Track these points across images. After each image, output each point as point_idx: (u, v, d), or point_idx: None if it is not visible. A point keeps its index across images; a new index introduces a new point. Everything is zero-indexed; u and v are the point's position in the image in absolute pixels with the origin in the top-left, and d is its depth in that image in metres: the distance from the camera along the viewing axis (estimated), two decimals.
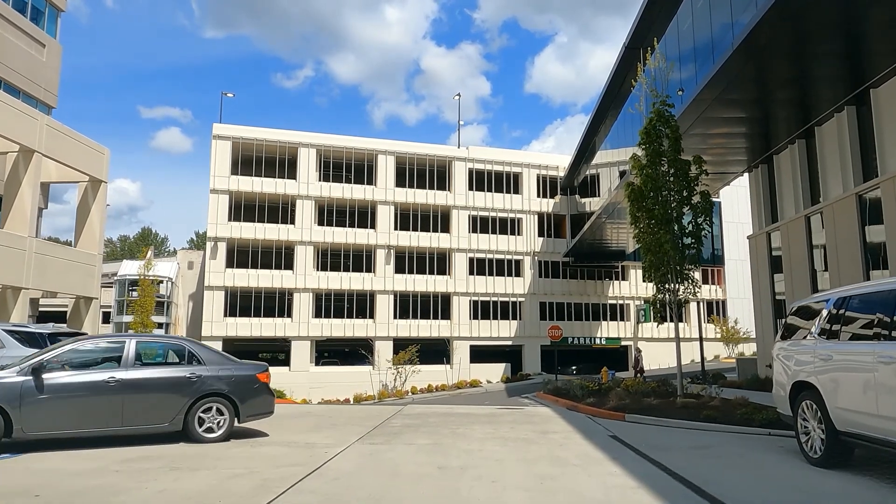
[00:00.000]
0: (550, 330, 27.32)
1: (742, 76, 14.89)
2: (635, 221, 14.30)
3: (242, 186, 43.26)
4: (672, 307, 14.18)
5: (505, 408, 15.01)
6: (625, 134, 36.16)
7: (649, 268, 14.02)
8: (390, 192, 45.86)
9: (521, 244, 48.06)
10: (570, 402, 15.38)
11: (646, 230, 13.83)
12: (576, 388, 17.03)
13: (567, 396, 17.26)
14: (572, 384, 18.54)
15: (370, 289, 44.51)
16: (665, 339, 49.92)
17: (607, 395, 15.34)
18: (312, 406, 16.13)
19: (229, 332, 41.71)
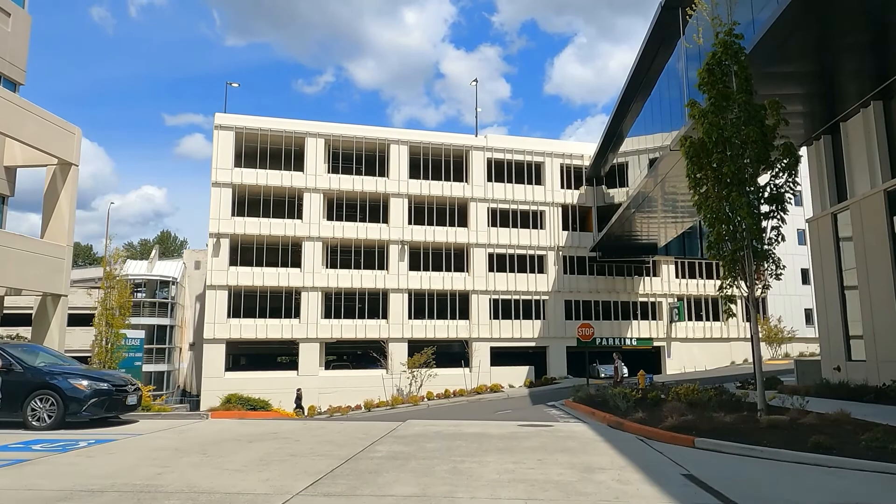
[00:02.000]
0: (580, 329, 24.15)
1: (809, 17, 11.73)
2: (695, 186, 11.14)
3: (246, 179, 40.70)
4: (749, 291, 10.97)
5: (529, 424, 11.95)
6: (655, 118, 33.03)
7: (716, 243, 10.82)
8: (404, 184, 42.98)
9: (544, 238, 44.86)
10: (612, 417, 12.23)
11: (711, 195, 10.66)
12: (616, 398, 13.87)
13: (605, 408, 14.12)
14: (610, 392, 15.39)
15: (383, 287, 41.65)
16: (701, 339, 46.40)
17: (659, 408, 12.20)
18: (285, 424, 13.20)
19: (233, 334, 39.13)
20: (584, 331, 23.64)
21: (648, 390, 22.87)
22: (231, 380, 38.81)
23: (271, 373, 41.37)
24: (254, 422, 13.47)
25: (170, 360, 45.46)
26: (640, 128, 36.62)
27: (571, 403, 18.74)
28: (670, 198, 35.04)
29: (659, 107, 31.50)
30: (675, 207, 37.46)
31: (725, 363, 46.36)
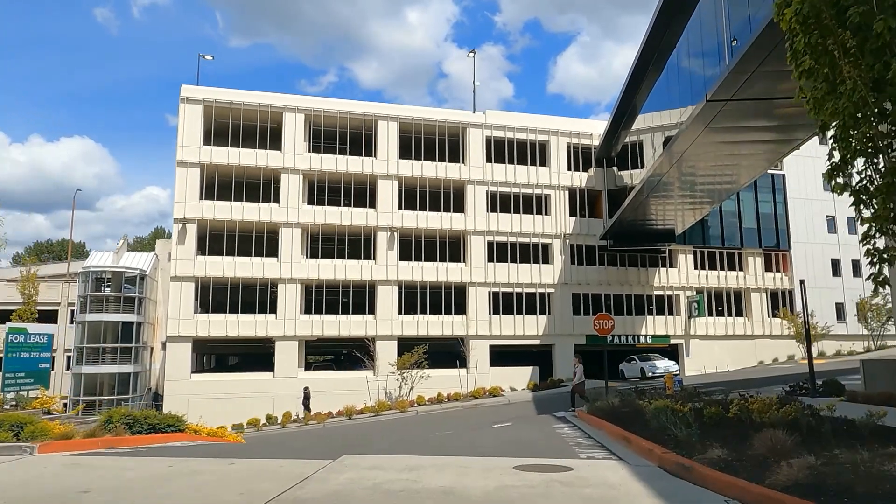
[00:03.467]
0: (598, 321, 19.70)
1: None
2: (807, 76, 6.67)
3: (216, 158, 36.43)
4: None
5: (534, 465, 7.59)
6: (673, 91, 28.83)
7: (852, 159, 6.29)
8: (393, 164, 38.67)
9: (549, 225, 40.50)
10: (667, 454, 7.80)
11: (848, 78, 6.18)
12: (665, 416, 9.47)
13: (644, 431, 9.70)
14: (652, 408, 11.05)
15: (370, 279, 37.35)
16: (722, 336, 42.05)
17: (734, 434, 7.83)
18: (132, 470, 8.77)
19: (200, 331, 34.86)
20: (601, 323, 19.26)
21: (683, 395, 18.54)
22: (198, 383, 34.65)
23: (244, 374, 37.19)
24: (90, 460, 9.13)
25: (137, 361, 41.22)
26: (656, 102, 32.52)
27: (588, 416, 14.41)
28: (688, 180, 30.78)
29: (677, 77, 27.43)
30: (693, 191, 33.55)
31: (750, 363, 41.94)
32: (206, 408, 33.56)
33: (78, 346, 39.99)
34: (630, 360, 39.00)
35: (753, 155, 26.22)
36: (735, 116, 21.04)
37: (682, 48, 25.02)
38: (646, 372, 36.11)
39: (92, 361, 39.91)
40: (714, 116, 21.20)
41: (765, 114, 20.77)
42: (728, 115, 20.93)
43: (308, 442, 17.02)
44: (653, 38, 30.65)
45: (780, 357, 41.82)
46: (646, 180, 32.36)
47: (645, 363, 37.16)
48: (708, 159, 26.60)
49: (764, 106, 19.93)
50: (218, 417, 32.98)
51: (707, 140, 23.32)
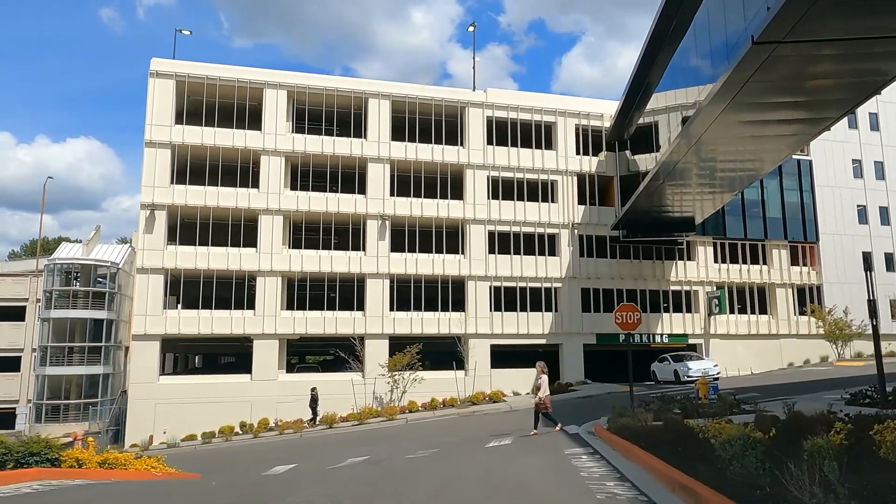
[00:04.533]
0: (621, 313, 15.96)
1: None
2: None
3: (189, 138, 33.08)
4: None
5: None
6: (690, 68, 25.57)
7: None
8: (385, 146, 35.25)
9: (556, 213, 37.01)
10: None
11: None
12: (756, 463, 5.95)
13: (716, 479, 6.20)
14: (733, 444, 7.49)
15: (358, 272, 33.95)
16: (745, 335, 38.54)
17: None
18: None
19: (170, 328, 31.51)
20: (625, 316, 15.58)
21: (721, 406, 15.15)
22: (167, 386, 31.35)
23: (218, 377, 33.89)
24: None
25: (109, 361, 37.95)
26: (674, 79, 29.26)
27: (611, 437, 10.94)
28: (707, 165, 28.07)
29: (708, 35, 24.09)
30: (712, 177, 30.55)
31: (775, 364, 38.33)
32: (176, 414, 30.35)
33: (42, 346, 36.75)
34: (662, 361, 34.95)
35: (778, 137, 23.46)
36: (760, 91, 18.47)
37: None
38: (680, 375, 32.03)
39: (58, 362, 36.63)
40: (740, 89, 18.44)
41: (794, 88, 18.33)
42: (753, 91, 18.35)
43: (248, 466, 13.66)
44: (670, 5, 27.37)
45: (811, 358, 38.17)
46: (661, 165, 29.31)
47: (678, 364, 33.03)
48: (728, 142, 23.96)
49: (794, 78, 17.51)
50: (187, 425, 29.82)
51: (728, 119, 20.97)
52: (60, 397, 36.36)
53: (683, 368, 32.26)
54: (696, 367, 31.72)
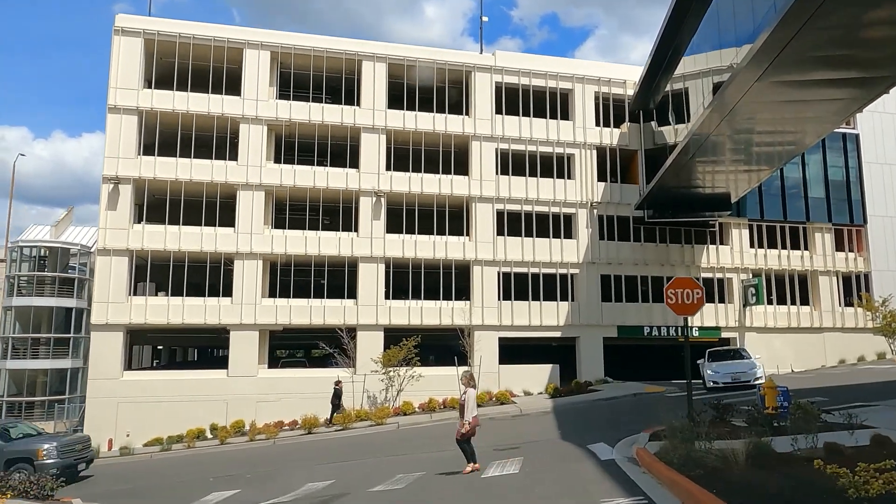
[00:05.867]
0: (674, 291, 11.65)
1: None
2: None
3: (159, 104, 29.38)
4: None
5: None
6: (726, 25, 21.99)
7: None
8: (380, 115, 31.36)
9: (572, 191, 32.96)
10: None
11: None
12: None
13: None
14: None
15: (350, 255, 30.15)
16: (784, 328, 34.41)
17: None
18: None
19: (135, 317, 27.88)
20: (681, 294, 11.41)
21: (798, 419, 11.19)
22: (132, 383, 27.76)
23: (190, 373, 30.31)
24: None
25: (78, 354, 34.43)
26: (705, 39, 25.62)
27: (676, 478, 6.91)
28: (742, 138, 24.77)
29: None
30: (748, 151, 26.65)
31: (817, 361, 34.14)
32: (141, 414, 26.81)
33: (4, 337, 33.28)
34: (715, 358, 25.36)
35: (825, 103, 20.77)
36: (807, 48, 16.14)
37: None
38: (705, 380, 23.85)
39: (22, 355, 33.16)
40: (784, 47, 15.97)
41: (846, 41, 15.79)
42: (798, 49, 16.08)
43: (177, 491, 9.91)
44: None
45: (865, 354, 33.89)
46: (691, 138, 25.55)
47: (733, 365, 24.18)
48: (767, 110, 21.29)
49: (848, 29, 15.04)
50: (154, 427, 26.29)
51: (767, 84, 18.50)
52: (24, 394, 32.89)
53: (710, 373, 23.92)
54: (723, 370, 23.59)
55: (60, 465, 16.21)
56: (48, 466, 15.82)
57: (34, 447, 16.48)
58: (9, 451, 16.36)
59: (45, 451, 16.22)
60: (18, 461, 16.08)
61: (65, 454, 16.62)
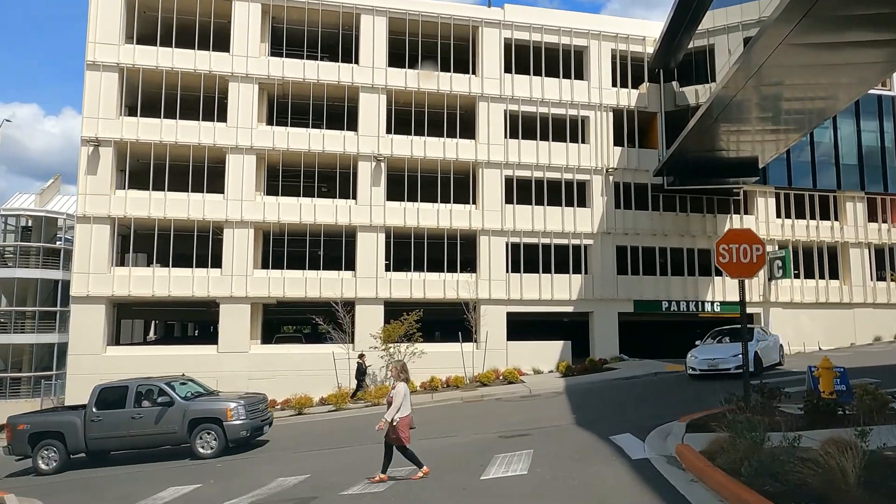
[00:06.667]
0: (727, 246, 8.14)
1: None
2: None
3: (142, 60, 27.30)
4: None
5: None
6: None
7: None
8: (380, 73, 29.14)
9: (586, 156, 30.72)
10: None
11: None
12: None
13: None
14: None
15: (348, 223, 28.19)
16: (812, 303, 32.24)
17: None
18: None
19: (118, 289, 26.14)
20: (736, 251, 8.89)
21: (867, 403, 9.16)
22: (116, 359, 26.05)
23: (178, 348, 28.58)
24: None
25: (65, 329, 32.80)
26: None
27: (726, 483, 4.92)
28: (770, 99, 23.02)
29: None
30: (776, 114, 24.57)
31: (847, 338, 32.06)
32: None
33: None
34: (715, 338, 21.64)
35: (859, 64, 19.33)
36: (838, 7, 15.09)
37: None
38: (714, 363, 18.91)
39: (4, 329, 31.62)
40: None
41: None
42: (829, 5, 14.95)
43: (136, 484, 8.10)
44: None
45: None
46: (714, 99, 23.53)
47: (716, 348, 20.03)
48: (797, 70, 19.76)
49: None
50: None
51: (798, 40, 17.12)
52: (8, 370, 31.38)
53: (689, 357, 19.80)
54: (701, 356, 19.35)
55: (249, 425, 14.29)
56: (238, 428, 14.07)
57: (221, 406, 14.39)
58: (193, 411, 14.40)
59: (233, 410, 14.14)
60: (204, 421, 14.18)
61: (251, 414, 14.45)
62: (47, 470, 14.37)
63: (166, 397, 14.70)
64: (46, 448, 14.58)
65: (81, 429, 14.67)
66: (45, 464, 14.47)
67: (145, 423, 14.60)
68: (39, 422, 15.23)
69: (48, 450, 14.57)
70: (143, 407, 14.89)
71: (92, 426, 14.65)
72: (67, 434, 14.60)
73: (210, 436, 14.05)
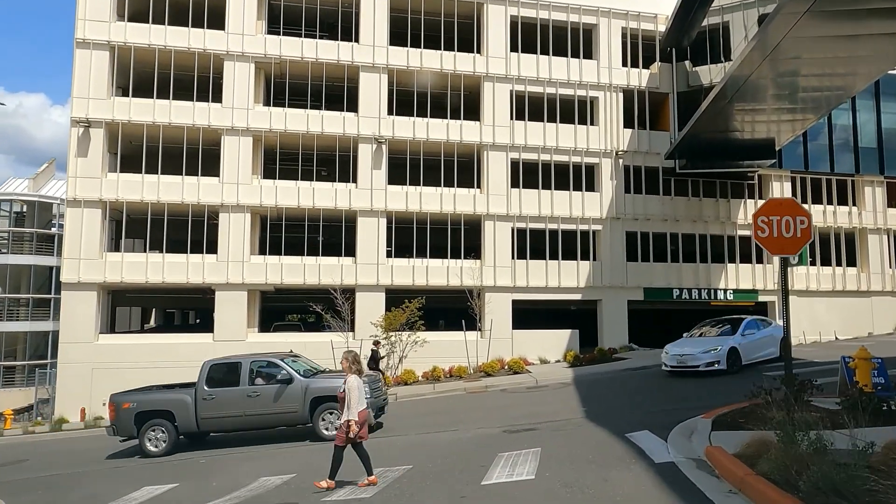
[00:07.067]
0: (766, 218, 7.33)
1: None
2: None
3: (134, 38, 26.29)
4: None
5: None
6: None
7: None
8: (381, 51, 28.04)
9: (595, 139, 29.60)
10: None
11: None
12: None
13: None
14: None
15: (347, 207, 27.22)
16: (828, 291, 31.18)
17: None
18: None
19: (111, 275, 25.29)
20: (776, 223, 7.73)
21: None
22: (108, 348, 25.28)
23: (173, 336, 27.74)
24: None
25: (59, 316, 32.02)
26: None
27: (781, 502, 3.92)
28: (786, 80, 22.11)
29: None
30: (792, 95, 23.58)
31: (865, 327, 31.02)
32: (118, 382, 24.01)
33: None
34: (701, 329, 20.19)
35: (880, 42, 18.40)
36: None
37: None
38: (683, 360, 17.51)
39: None
40: None
41: None
42: None
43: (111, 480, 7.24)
44: None
45: None
46: (728, 80, 22.61)
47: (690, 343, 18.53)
48: (813, 49, 18.97)
49: None
50: None
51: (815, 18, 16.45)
52: (2, 358, 30.69)
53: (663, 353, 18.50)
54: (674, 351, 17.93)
55: (375, 405, 13.09)
56: None
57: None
58: (315, 389, 13.26)
59: None
60: (328, 400, 12.98)
61: (374, 392, 13.24)
62: (156, 452, 13.29)
63: (285, 374, 13.53)
64: (154, 428, 13.46)
65: (192, 408, 13.49)
66: (154, 445, 13.39)
67: (263, 402, 13.36)
68: (146, 400, 13.96)
69: (156, 430, 13.45)
70: (257, 384, 13.66)
71: (204, 405, 13.37)
72: (177, 413, 13.46)
73: (333, 416, 12.81)
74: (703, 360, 16.87)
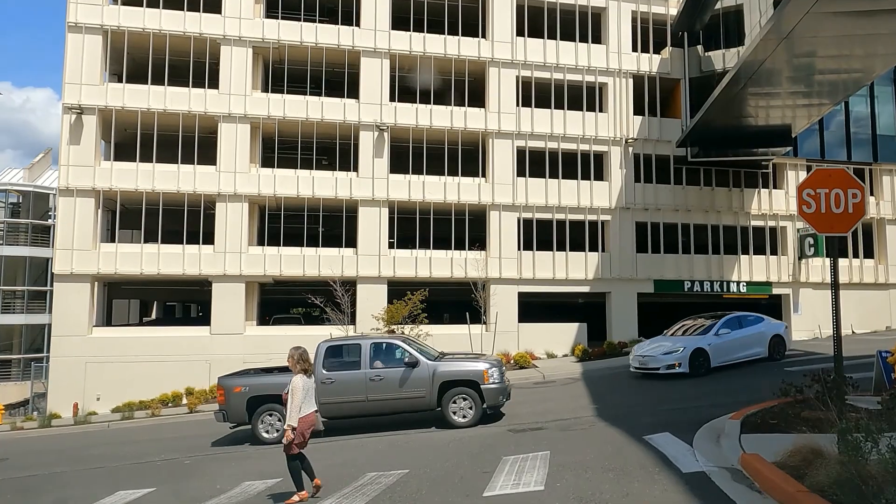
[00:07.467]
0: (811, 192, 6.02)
1: None
2: None
3: (127, 22, 25.48)
4: None
5: None
6: None
7: None
8: (383, 36, 27.15)
9: (604, 126, 28.65)
10: None
11: None
12: None
13: None
14: None
15: (348, 197, 26.40)
16: (845, 284, 29.91)
17: None
18: None
19: (104, 266, 24.57)
20: (824, 197, 7.11)
21: None
22: (102, 341, 24.61)
23: (169, 329, 26.98)
24: None
25: None
26: None
27: None
28: (802, 66, 21.41)
29: None
30: (808, 82, 22.77)
31: (883, 321, 30.08)
32: (112, 376, 23.77)
33: None
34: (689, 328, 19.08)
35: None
36: None
37: None
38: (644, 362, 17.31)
39: None
40: None
41: None
42: None
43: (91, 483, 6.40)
44: None
45: None
46: (742, 66, 21.81)
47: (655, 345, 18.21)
48: (830, 33, 18.23)
49: None
50: (125, 391, 23.15)
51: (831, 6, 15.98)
52: None
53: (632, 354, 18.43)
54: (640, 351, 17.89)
55: (505, 390, 12.60)
56: (495, 392, 12.28)
57: (477, 367, 12.49)
58: (443, 373, 12.45)
59: (489, 372, 12.29)
60: (458, 385, 12.31)
61: (502, 378, 12.67)
62: (270, 439, 12.50)
63: (410, 357, 12.70)
64: (270, 414, 12.76)
65: None
66: (268, 432, 12.66)
67: (387, 387, 12.57)
68: (259, 384, 13.09)
69: (272, 415, 12.73)
70: (377, 368, 12.84)
71: (323, 389, 12.19)
72: None
73: (466, 402, 12.12)
74: (664, 363, 16.14)
